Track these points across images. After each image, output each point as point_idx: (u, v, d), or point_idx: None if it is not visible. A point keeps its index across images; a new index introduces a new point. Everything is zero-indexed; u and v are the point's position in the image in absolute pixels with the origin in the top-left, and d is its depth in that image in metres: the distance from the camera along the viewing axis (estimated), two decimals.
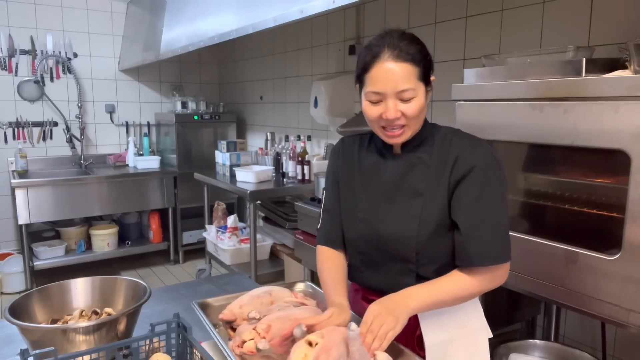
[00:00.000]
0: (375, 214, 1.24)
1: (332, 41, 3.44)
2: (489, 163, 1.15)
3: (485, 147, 1.18)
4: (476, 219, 1.13)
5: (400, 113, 1.13)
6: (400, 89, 1.11)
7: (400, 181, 1.22)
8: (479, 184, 1.14)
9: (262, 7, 2.28)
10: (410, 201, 1.19)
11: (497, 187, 1.15)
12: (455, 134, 1.22)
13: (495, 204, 1.14)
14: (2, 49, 4.10)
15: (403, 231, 1.18)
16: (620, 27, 1.76)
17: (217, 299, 1.35)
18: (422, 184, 1.19)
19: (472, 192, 1.14)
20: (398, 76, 1.11)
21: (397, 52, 1.11)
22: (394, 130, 1.16)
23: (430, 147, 1.21)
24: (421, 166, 1.20)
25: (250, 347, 1.06)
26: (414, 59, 1.12)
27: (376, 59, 1.12)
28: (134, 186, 4.20)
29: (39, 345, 1.04)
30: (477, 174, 1.14)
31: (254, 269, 3.26)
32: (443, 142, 1.20)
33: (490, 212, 1.13)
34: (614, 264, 1.30)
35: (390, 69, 1.11)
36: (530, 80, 1.51)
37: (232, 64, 4.95)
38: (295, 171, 3.45)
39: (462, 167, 1.15)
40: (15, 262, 3.90)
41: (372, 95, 1.15)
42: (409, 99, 1.12)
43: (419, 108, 1.14)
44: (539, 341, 1.74)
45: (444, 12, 2.53)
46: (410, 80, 1.11)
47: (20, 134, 4.24)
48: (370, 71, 1.13)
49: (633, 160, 1.24)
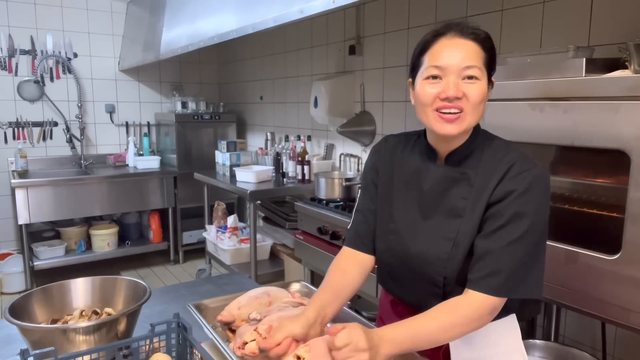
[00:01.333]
0: (408, 228, 1.15)
1: (332, 41, 3.44)
2: (533, 190, 1.03)
3: (535, 172, 1.04)
4: (494, 245, 1.02)
5: (462, 92, 1.01)
6: (466, 65, 1.01)
7: (440, 197, 1.12)
8: (512, 210, 1.02)
9: (262, 7, 2.28)
10: (446, 221, 1.10)
11: (533, 218, 1.02)
12: (507, 153, 1.09)
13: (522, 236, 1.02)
14: (2, 49, 4.10)
15: (433, 252, 1.10)
16: (620, 27, 1.76)
17: (212, 300, 1.34)
18: (462, 204, 1.09)
19: (501, 217, 1.03)
20: (466, 51, 1.02)
21: (464, 31, 1.03)
22: (450, 113, 1.03)
23: (477, 161, 1.10)
24: (464, 183, 1.10)
25: (252, 348, 1.06)
26: (483, 40, 1.04)
27: (440, 36, 1.04)
28: (134, 186, 4.20)
29: (39, 345, 1.04)
30: (514, 199, 1.03)
31: (254, 269, 3.26)
32: (492, 158, 1.09)
33: (513, 242, 1.02)
34: (614, 264, 1.30)
35: (457, 44, 1.02)
36: (530, 80, 1.51)
37: (232, 64, 4.95)
38: (295, 171, 3.45)
39: (503, 189, 1.04)
40: (15, 262, 3.90)
41: (431, 70, 1.04)
42: (473, 77, 1.02)
43: (482, 94, 1.03)
44: (539, 341, 1.74)
45: (444, 12, 2.53)
46: (476, 58, 1.02)
47: (20, 134, 4.24)
48: (432, 47, 1.04)
49: (633, 160, 1.24)
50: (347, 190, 2.91)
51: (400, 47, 2.82)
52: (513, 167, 1.05)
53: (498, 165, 1.07)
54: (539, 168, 1.06)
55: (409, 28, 2.75)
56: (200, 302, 1.32)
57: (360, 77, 3.17)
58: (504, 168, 1.06)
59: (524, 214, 1.02)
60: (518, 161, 1.06)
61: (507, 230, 1.02)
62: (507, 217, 1.03)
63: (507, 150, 1.10)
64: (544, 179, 1.05)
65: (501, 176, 1.05)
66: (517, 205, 1.02)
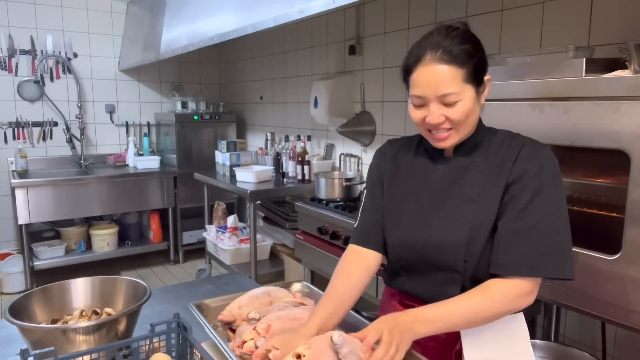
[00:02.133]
0: (421, 219, 1.16)
1: (332, 41, 3.44)
2: (545, 168, 1.07)
3: (545, 152, 1.10)
4: (521, 226, 1.04)
5: (443, 117, 1.07)
6: (442, 93, 1.05)
7: (451, 186, 1.14)
8: (531, 189, 1.05)
9: (262, 7, 2.28)
10: (461, 207, 1.12)
11: (553, 194, 1.06)
12: (514, 138, 1.14)
13: (546, 213, 1.04)
14: (2, 49, 4.10)
15: (452, 238, 1.11)
16: (620, 27, 1.76)
17: (213, 300, 1.34)
18: (475, 190, 1.11)
19: (522, 198, 1.05)
20: (439, 80, 1.05)
21: (440, 53, 1.04)
22: (440, 133, 1.09)
23: (486, 151, 1.14)
24: (475, 171, 1.13)
25: (251, 347, 1.06)
26: (459, 59, 1.05)
27: (418, 62, 1.07)
28: (134, 186, 4.20)
29: (39, 345, 1.04)
30: (531, 179, 1.06)
31: (254, 269, 3.26)
32: (500, 146, 1.13)
33: (538, 220, 1.04)
34: (614, 264, 1.30)
35: (431, 72, 1.05)
36: (530, 80, 1.51)
37: (232, 64, 4.95)
38: (295, 171, 3.45)
39: (518, 170, 1.08)
40: (15, 262, 3.90)
41: (415, 99, 1.09)
42: (452, 103, 1.06)
43: (464, 112, 1.07)
44: (539, 341, 1.74)
45: (444, 12, 2.53)
46: (453, 83, 1.04)
47: (20, 134, 4.24)
48: (413, 74, 1.08)
49: (633, 160, 1.24)
50: (347, 190, 2.91)
51: (400, 47, 2.81)
52: (523, 149, 1.10)
53: (508, 149, 1.12)
54: (547, 148, 1.11)
55: (409, 28, 2.75)
56: (202, 301, 1.32)
57: (360, 77, 3.17)
58: (515, 151, 1.10)
59: (543, 192, 1.05)
60: (527, 143, 1.11)
61: (530, 210, 1.05)
62: (528, 197, 1.05)
63: (513, 136, 1.15)
64: (553, 158, 1.10)
65: (514, 158, 1.09)
66: (535, 185, 1.06)
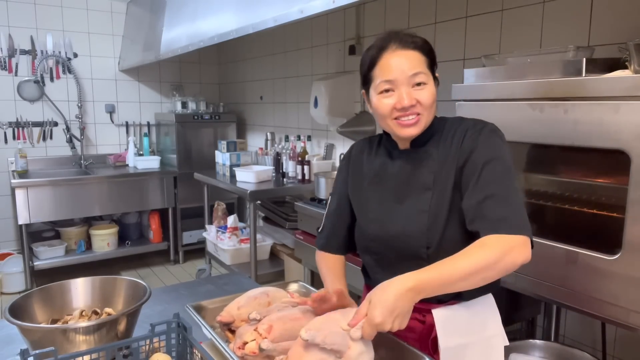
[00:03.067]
0: (385, 212, 1.22)
1: (332, 41, 3.44)
2: (490, 139, 1.13)
3: (488, 126, 1.15)
4: (481, 196, 1.07)
5: (415, 100, 1.11)
6: (412, 72, 1.10)
7: (409, 177, 1.21)
8: (481, 160, 1.10)
9: (262, 7, 2.28)
10: (419, 196, 1.18)
11: (501, 160, 1.10)
12: (460, 123, 1.20)
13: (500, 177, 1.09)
14: (2, 49, 4.10)
15: (413, 227, 1.16)
16: (620, 27, 1.76)
17: (211, 301, 1.34)
18: (429, 178, 1.17)
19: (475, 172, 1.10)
20: (408, 62, 1.11)
21: (403, 42, 1.12)
22: (409, 119, 1.13)
23: (438, 140, 1.19)
24: (428, 160, 1.19)
25: (252, 348, 1.06)
26: (421, 47, 1.13)
27: (383, 50, 1.13)
28: (134, 186, 4.20)
29: (39, 345, 1.04)
30: (479, 152, 1.11)
31: (254, 269, 3.26)
32: (449, 133, 1.19)
33: (496, 185, 1.08)
34: (614, 264, 1.30)
35: (400, 56, 1.11)
36: (530, 80, 1.51)
37: (232, 64, 4.95)
38: (295, 171, 3.45)
39: (464, 153, 1.13)
40: (15, 262, 3.90)
41: (383, 85, 1.13)
42: (421, 83, 1.11)
43: (431, 95, 1.13)
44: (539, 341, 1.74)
45: (444, 12, 2.53)
46: (420, 65, 1.12)
47: (20, 134, 4.24)
48: (379, 63, 1.13)
49: (633, 160, 1.24)
50: None
51: None
52: (468, 131, 1.16)
53: (455, 134, 1.17)
54: (490, 124, 1.17)
55: (409, 28, 2.75)
56: (199, 303, 1.32)
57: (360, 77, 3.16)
58: (461, 134, 1.16)
59: (493, 158, 1.10)
60: (470, 124, 1.18)
61: (486, 177, 1.09)
62: (480, 167, 1.10)
63: (460, 122, 1.21)
64: (497, 130, 1.16)
65: (460, 141, 1.15)
66: (484, 155, 1.11)
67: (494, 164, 1.09)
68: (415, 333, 1.21)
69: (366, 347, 0.98)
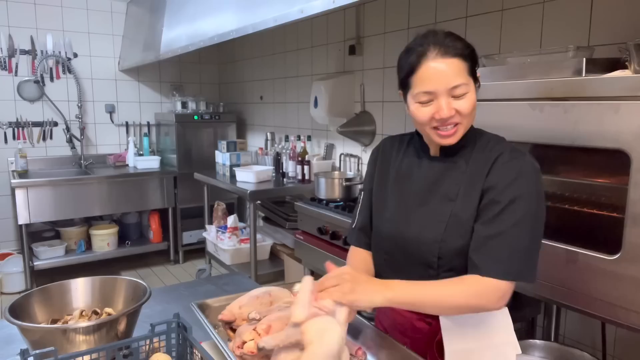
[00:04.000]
0: (403, 214, 1.21)
1: (332, 41, 3.44)
2: (524, 176, 1.09)
3: (525, 160, 1.11)
4: (493, 232, 1.07)
5: (454, 110, 1.08)
6: (453, 85, 1.07)
7: (434, 185, 1.18)
8: (508, 196, 1.07)
9: (262, 7, 2.28)
10: (440, 205, 1.16)
11: (528, 202, 1.07)
12: (497, 143, 1.17)
13: (520, 220, 1.06)
14: (2, 49, 4.10)
15: (427, 234, 1.15)
16: (620, 27, 1.76)
17: (216, 299, 1.34)
18: (454, 189, 1.15)
19: (497, 204, 1.08)
20: (449, 72, 1.07)
21: (444, 48, 1.07)
22: (447, 129, 1.11)
23: (470, 152, 1.16)
24: (456, 171, 1.16)
25: (251, 348, 1.06)
26: (462, 53, 1.09)
27: (422, 57, 1.08)
28: (134, 186, 4.20)
29: (39, 345, 1.04)
30: (507, 186, 1.08)
31: (254, 269, 3.26)
32: (483, 149, 1.15)
33: (511, 226, 1.06)
34: (614, 264, 1.30)
35: (440, 65, 1.07)
36: (530, 80, 1.51)
37: (232, 64, 4.95)
38: (295, 171, 3.46)
39: (495, 176, 1.10)
40: (15, 262, 3.90)
41: (422, 96, 1.10)
42: (462, 94, 1.08)
43: (472, 104, 1.10)
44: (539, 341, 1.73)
45: (444, 12, 2.53)
46: (461, 75, 1.08)
47: (20, 134, 4.24)
48: (418, 71, 1.09)
49: (633, 160, 1.24)
50: (347, 190, 2.91)
51: (400, 47, 2.78)
52: (502, 156, 1.12)
53: (489, 154, 1.14)
54: (528, 157, 1.13)
55: (409, 28, 2.75)
56: (204, 301, 1.33)
57: (360, 77, 3.17)
58: (494, 156, 1.13)
59: (519, 198, 1.07)
60: (506, 150, 1.14)
61: (505, 215, 1.07)
62: (504, 203, 1.07)
63: (496, 141, 1.18)
64: (533, 166, 1.11)
65: (491, 164, 1.12)
66: (512, 191, 1.07)
67: (519, 204, 1.06)
68: (421, 334, 1.22)
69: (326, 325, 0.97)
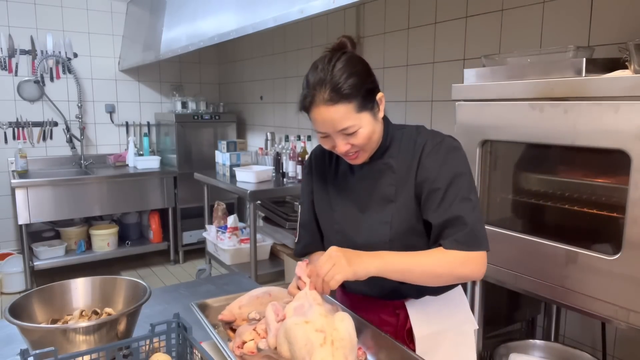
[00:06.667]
0: (349, 223, 1.26)
1: (332, 41, 3.42)
2: (450, 156, 1.16)
3: (445, 142, 1.18)
4: (448, 216, 1.12)
5: (349, 145, 1.15)
6: (340, 129, 1.12)
7: (371, 189, 1.24)
8: (445, 179, 1.14)
9: (262, 7, 2.28)
10: (381, 208, 1.21)
11: (462, 176, 1.15)
12: (418, 134, 1.22)
13: (464, 195, 1.13)
14: (2, 49, 4.10)
15: (375, 238, 1.21)
16: (620, 27, 1.76)
17: (216, 299, 1.35)
18: (391, 190, 1.21)
19: (438, 191, 1.14)
20: (335, 118, 1.11)
21: (328, 94, 1.09)
22: (349, 155, 1.18)
23: (397, 150, 1.22)
24: (388, 172, 1.22)
25: (251, 348, 1.06)
26: (347, 95, 1.09)
27: (312, 104, 1.12)
28: (134, 186, 4.20)
29: (39, 345, 1.04)
30: (441, 171, 1.14)
31: (254, 269, 3.26)
32: (407, 144, 1.21)
33: (459, 203, 1.12)
34: (614, 264, 1.30)
35: (325, 113, 1.11)
36: (530, 80, 1.51)
37: (232, 64, 4.95)
38: (295, 171, 3.45)
39: (425, 169, 1.16)
40: (15, 262, 3.90)
41: (319, 132, 1.16)
42: (353, 132, 1.13)
43: (366, 137, 1.15)
44: (539, 341, 1.74)
45: (444, 12, 2.53)
46: (347, 118, 1.11)
47: (20, 134, 4.24)
48: (310, 114, 1.15)
49: (633, 160, 1.24)
50: None
51: (400, 47, 2.81)
52: (425, 146, 1.18)
53: (413, 147, 1.20)
54: (447, 138, 1.20)
55: (409, 28, 2.75)
56: (204, 301, 1.33)
57: None
58: (419, 150, 1.19)
59: (455, 176, 1.14)
60: (429, 139, 1.19)
61: (451, 196, 1.13)
62: (444, 187, 1.13)
63: (417, 132, 1.23)
64: (454, 144, 1.19)
65: (419, 157, 1.18)
66: (446, 174, 1.14)
67: (456, 183, 1.13)
68: (391, 326, 1.28)
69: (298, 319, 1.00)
